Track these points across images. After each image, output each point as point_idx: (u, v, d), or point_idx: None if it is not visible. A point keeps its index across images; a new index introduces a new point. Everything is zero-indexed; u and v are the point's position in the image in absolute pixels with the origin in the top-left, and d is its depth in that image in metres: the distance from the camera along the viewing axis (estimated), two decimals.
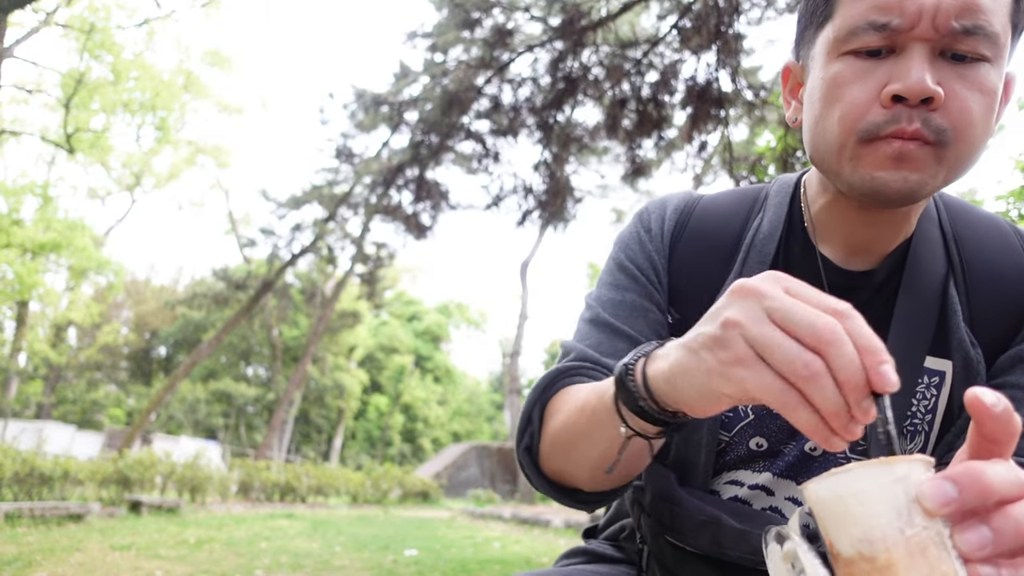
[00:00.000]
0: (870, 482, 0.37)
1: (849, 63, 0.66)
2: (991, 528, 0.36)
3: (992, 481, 0.36)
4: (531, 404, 0.74)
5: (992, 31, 0.63)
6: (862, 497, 0.37)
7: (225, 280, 18.65)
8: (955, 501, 0.36)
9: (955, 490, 0.36)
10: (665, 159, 9.08)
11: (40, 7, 13.97)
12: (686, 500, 0.72)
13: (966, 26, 0.62)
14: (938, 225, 0.78)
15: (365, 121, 11.11)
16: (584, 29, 7.08)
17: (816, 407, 0.42)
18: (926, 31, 0.63)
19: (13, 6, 7.71)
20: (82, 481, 8.52)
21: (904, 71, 0.63)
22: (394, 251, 17.15)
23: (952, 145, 0.64)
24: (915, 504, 0.36)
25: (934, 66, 0.63)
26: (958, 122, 0.63)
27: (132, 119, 17.41)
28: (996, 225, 0.79)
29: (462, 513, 15.30)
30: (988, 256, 0.75)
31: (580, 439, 0.66)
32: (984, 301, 0.73)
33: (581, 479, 0.70)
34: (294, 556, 6.02)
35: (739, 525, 0.68)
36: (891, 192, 0.65)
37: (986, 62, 0.64)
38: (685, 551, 0.72)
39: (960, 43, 0.63)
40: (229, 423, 31.07)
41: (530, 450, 0.74)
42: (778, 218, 0.80)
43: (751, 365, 0.44)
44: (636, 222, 0.86)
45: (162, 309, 31.62)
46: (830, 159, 0.69)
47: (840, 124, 0.66)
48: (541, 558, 7.12)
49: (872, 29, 0.65)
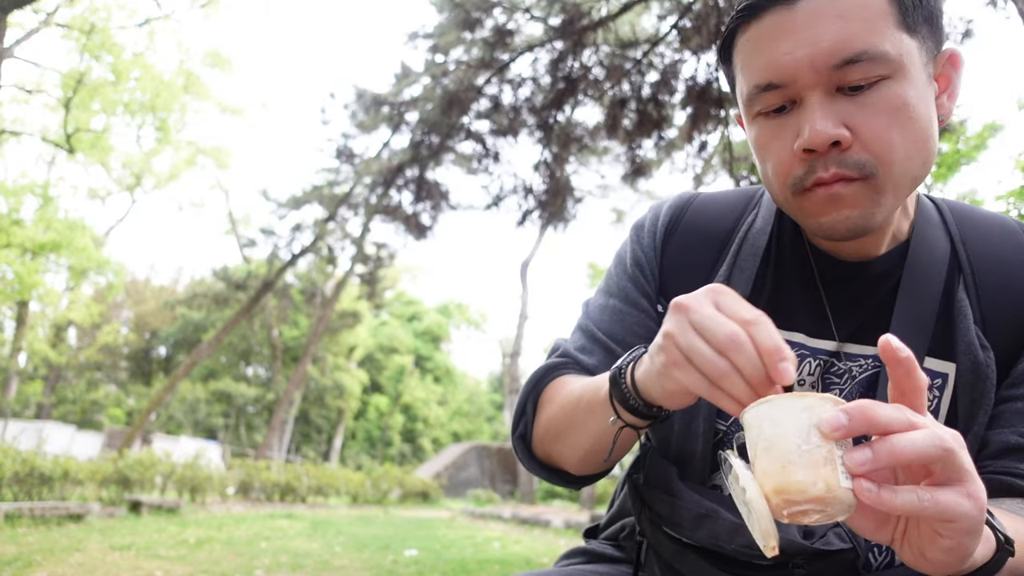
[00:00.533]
0: (783, 410, 0.48)
1: (761, 124, 0.70)
2: (872, 450, 0.45)
3: (878, 416, 0.45)
4: (525, 396, 0.83)
5: (877, 52, 0.63)
6: (775, 420, 0.48)
7: (225, 280, 18.65)
8: (844, 427, 0.45)
9: (846, 419, 0.45)
10: (665, 159, 9.08)
11: (40, 7, 13.98)
12: (685, 493, 0.73)
13: (846, 58, 0.63)
14: (944, 230, 0.78)
15: (366, 121, 11.11)
16: (584, 29, 7.08)
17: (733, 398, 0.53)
18: (810, 79, 0.65)
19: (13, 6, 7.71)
20: (82, 481, 8.52)
21: (804, 123, 0.65)
22: (394, 251, 17.14)
23: (880, 172, 0.65)
24: (814, 428, 0.46)
25: (833, 107, 0.65)
26: (877, 150, 0.65)
27: (132, 119, 17.40)
28: (1005, 226, 0.79)
29: (462, 513, 15.30)
30: (999, 259, 0.76)
31: (573, 427, 0.74)
32: (996, 304, 0.73)
33: (570, 463, 0.79)
34: (294, 556, 6.02)
35: (736, 519, 0.69)
36: (841, 232, 0.69)
37: (886, 80, 0.64)
38: (683, 544, 0.73)
39: (849, 76, 0.64)
40: (229, 423, 31.06)
41: (524, 438, 0.83)
42: (770, 214, 0.83)
43: (683, 367, 0.55)
44: (635, 223, 0.92)
45: (162, 309, 31.60)
46: (783, 207, 0.74)
47: (775, 180, 0.71)
48: (541, 558, 7.12)
49: (762, 91, 0.68)
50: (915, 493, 0.45)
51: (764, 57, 0.67)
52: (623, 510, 0.91)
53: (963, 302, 0.73)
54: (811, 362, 0.77)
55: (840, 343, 0.76)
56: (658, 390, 0.60)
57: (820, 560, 0.66)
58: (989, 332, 0.73)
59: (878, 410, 0.46)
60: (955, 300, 0.74)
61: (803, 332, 0.77)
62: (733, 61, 0.73)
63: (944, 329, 0.73)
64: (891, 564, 0.73)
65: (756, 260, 0.80)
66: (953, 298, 0.74)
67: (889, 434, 0.45)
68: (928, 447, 0.45)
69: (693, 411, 0.78)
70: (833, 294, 0.77)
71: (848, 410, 0.46)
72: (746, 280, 0.79)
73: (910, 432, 0.45)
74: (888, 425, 0.45)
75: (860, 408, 0.46)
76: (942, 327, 0.73)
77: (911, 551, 0.50)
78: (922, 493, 0.45)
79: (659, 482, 0.76)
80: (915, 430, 0.45)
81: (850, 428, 0.45)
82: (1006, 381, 0.73)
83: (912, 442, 0.45)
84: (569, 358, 0.85)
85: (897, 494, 0.45)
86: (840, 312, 0.76)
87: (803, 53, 0.64)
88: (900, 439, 0.45)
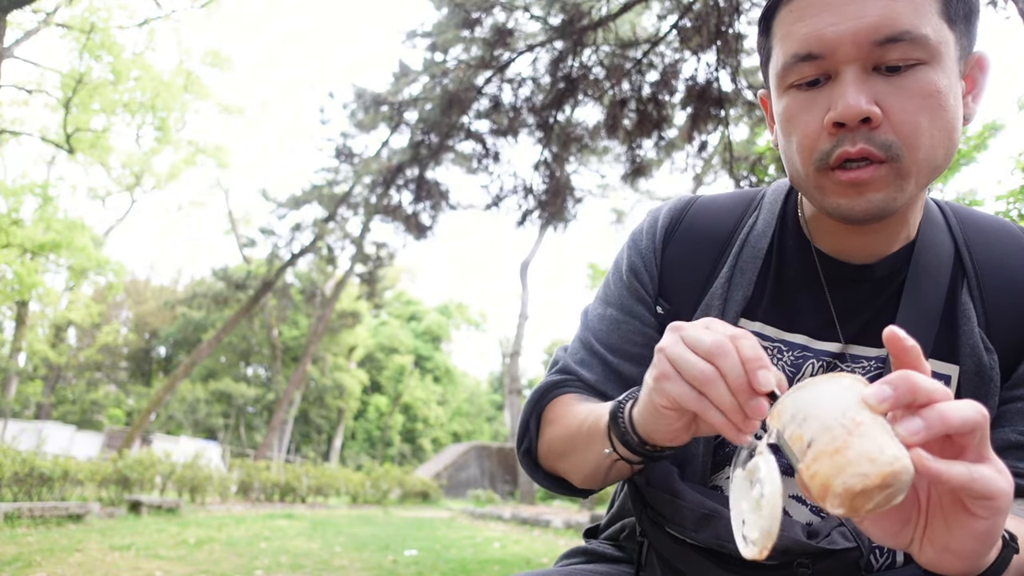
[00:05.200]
0: (824, 391, 0.48)
1: (793, 96, 0.70)
2: (922, 418, 0.45)
3: (919, 383, 0.46)
4: (528, 414, 0.86)
5: (919, 34, 0.64)
6: (820, 400, 0.47)
7: (225, 280, 18.63)
8: (891, 398, 0.46)
9: (891, 390, 0.46)
10: (665, 159, 9.06)
11: (40, 7, 13.97)
12: (687, 493, 0.73)
13: (889, 36, 0.64)
14: (948, 233, 0.78)
15: (365, 121, 11.10)
16: (584, 29, 7.07)
17: (719, 408, 0.54)
18: (849, 53, 0.65)
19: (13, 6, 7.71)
20: (82, 481, 8.51)
21: (838, 97, 0.66)
22: (394, 251, 17.14)
23: (905, 155, 0.65)
24: (861, 402, 0.46)
25: (868, 84, 0.65)
26: (904, 132, 0.65)
27: (132, 119, 17.40)
28: (1007, 230, 0.79)
29: (462, 513, 15.30)
30: (1002, 262, 0.76)
31: (576, 451, 0.77)
32: (1000, 307, 0.74)
33: (574, 479, 0.82)
34: (294, 556, 6.02)
35: None
36: (859, 215, 0.68)
37: (923, 64, 0.65)
38: (685, 544, 0.73)
39: (888, 55, 0.65)
40: (229, 423, 31.06)
41: (529, 452, 0.86)
42: (772, 216, 0.83)
43: (672, 379, 0.57)
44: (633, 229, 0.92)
45: (162, 309, 31.59)
46: (801, 185, 0.73)
47: (799, 155, 0.71)
48: (541, 558, 7.12)
49: (799, 61, 0.68)
50: (964, 466, 0.45)
51: (807, 27, 0.67)
52: (623, 510, 0.91)
53: (967, 305, 0.73)
54: (814, 363, 0.76)
55: (844, 345, 0.76)
56: (651, 416, 0.61)
57: (824, 560, 0.66)
58: (993, 335, 0.73)
59: (919, 379, 0.46)
60: (959, 303, 0.74)
61: (807, 334, 0.77)
62: (772, 31, 0.73)
63: (948, 331, 0.73)
64: (892, 565, 0.73)
65: (758, 262, 0.80)
66: (957, 300, 0.74)
67: (932, 403, 0.46)
68: (974, 414, 0.45)
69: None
70: (837, 296, 0.77)
71: (891, 381, 0.46)
72: (748, 282, 0.79)
73: (954, 401, 0.46)
74: (931, 393, 0.46)
75: (902, 377, 0.46)
76: (946, 329, 0.73)
77: (933, 548, 0.50)
78: (970, 466, 0.45)
79: (660, 482, 0.76)
80: (952, 399, 0.46)
81: (897, 398, 0.46)
82: (1008, 382, 0.73)
83: (959, 409, 0.45)
84: (570, 374, 0.87)
85: (951, 465, 0.45)
86: (844, 314, 0.76)
87: (847, 26, 0.65)
88: (948, 406, 0.45)
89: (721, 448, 0.79)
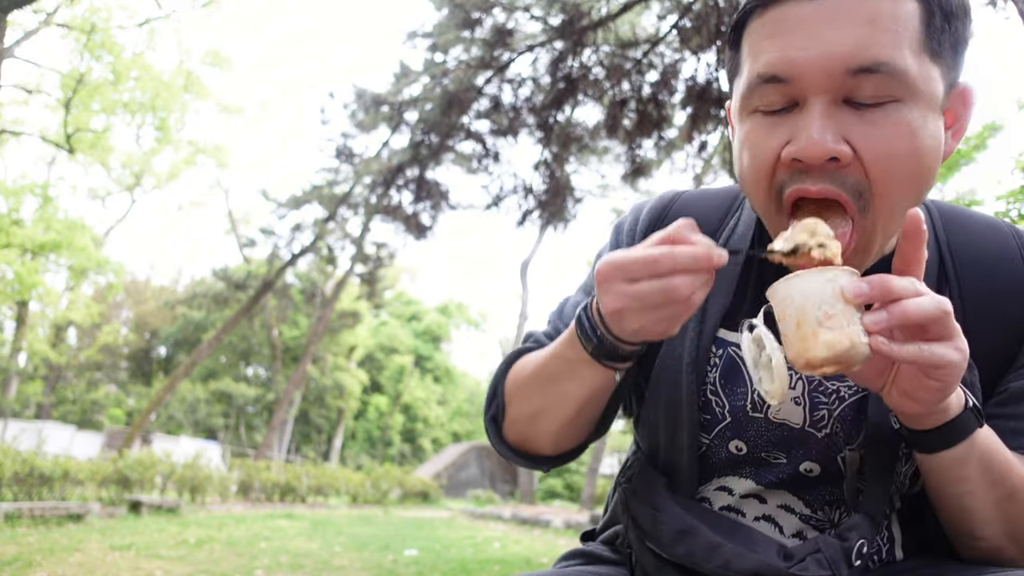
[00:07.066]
0: (809, 282, 0.56)
1: (756, 121, 0.65)
2: (887, 311, 0.54)
3: (894, 285, 0.54)
4: (496, 378, 0.86)
5: (897, 67, 0.59)
6: (803, 289, 0.56)
7: (225, 280, 18.63)
8: (865, 294, 0.54)
9: (867, 287, 0.54)
10: (665, 159, 9.07)
11: (40, 7, 13.97)
12: (668, 508, 0.72)
13: (864, 66, 0.58)
14: (932, 234, 0.76)
15: (365, 121, 11.10)
16: (584, 29, 7.07)
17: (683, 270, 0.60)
18: (819, 82, 0.60)
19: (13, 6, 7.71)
20: (82, 481, 8.51)
21: (801, 129, 0.61)
22: (394, 251, 17.14)
23: (876, 200, 0.62)
24: (838, 295, 0.55)
25: (836, 118, 0.60)
26: (876, 175, 0.61)
27: (132, 119, 17.40)
28: (995, 232, 0.76)
29: (462, 513, 15.30)
30: (985, 266, 0.73)
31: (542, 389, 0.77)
32: (981, 313, 0.71)
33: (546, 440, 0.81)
34: (294, 556, 6.02)
35: (715, 537, 0.67)
36: None
37: (898, 101, 0.60)
38: (664, 559, 0.71)
39: (862, 87, 0.59)
40: (229, 423, 31.05)
41: (496, 419, 0.85)
42: (751, 219, 0.82)
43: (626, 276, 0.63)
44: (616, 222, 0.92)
45: (162, 309, 31.58)
46: (760, 215, 0.71)
47: (754, 185, 0.67)
48: (541, 558, 7.12)
49: (764, 83, 0.63)
50: (916, 345, 0.54)
51: (775, 46, 0.62)
52: (616, 515, 0.90)
53: None
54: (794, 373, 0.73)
55: None
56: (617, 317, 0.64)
57: None
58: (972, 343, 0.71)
59: (894, 281, 0.55)
60: None
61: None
62: (741, 46, 0.67)
63: None
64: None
65: (738, 266, 0.78)
66: None
67: (899, 300, 0.54)
68: (932, 308, 0.54)
69: (677, 422, 0.77)
70: None
71: (869, 281, 0.55)
72: (727, 291, 0.78)
73: (918, 297, 0.54)
74: (901, 292, 0.54)
75: (880, 279, 0.55)
76: None
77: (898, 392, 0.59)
78: (922, 345, 0.54)
79: (645, 495, 0.75)
80: (921, 296, 0.54)
81: (870, 295, 0.54)
82: (997, 398, 0.71)
83: (919, 304, 0.54)
84: (537, 342, 0.87)
85: (903, 345, 0.54)
86: None
87: (818, 51, 0.59)
88: (910, 302, 0.54)
89: (706, 458, 0.78)
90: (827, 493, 0.73)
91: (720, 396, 0.76)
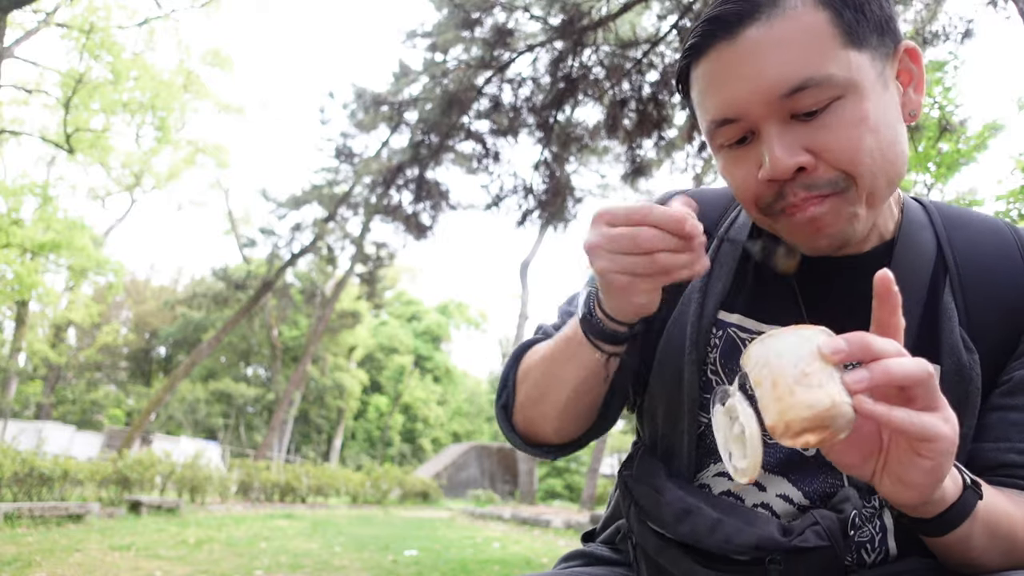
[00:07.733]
0: (786, 342, 0.54)
1: (725, 155, 0.72)
2: (868, 369, 0.51)
3: (871, 342, 0.52)
4: (508, 368, 0.88)
5: (822, 76, 0.63)
6: (778, 350, 0.54)
7: (225, 280, 18.63)
8: (843, 351, 0.51)
9: (846, 344, 0.52)
10: (665, 159, 9.05)
11: (40, 7, 13.98)
12: (669, 489, 0.75)
13: (792, 87, 0.63)
14: (931, 231, 0.78)
15: (365, 121, 11.10)
16: (584, 29, 7.07)
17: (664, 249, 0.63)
18: (762, 112, 0.65)
19: (13, 6, 7.71)
20: (82, 481, 8.52)
21: (765, 154, 0.66)
22: (394, 251, 17.14)
23: (853, 184, 0.66)
24: (815, 353, 0.52)
25: (791, 134, 0.65)
26: (844, 165, 0.65)
27: (132, 119, 17.42)
28: (993, 228, 0.78)
29: (462, 513, 15.31)
30: (986, 261, 0.75)
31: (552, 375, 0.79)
32: (982, 307, 0.73)
33: (550, 428, 0.83)
34: (294, 556, 6.02)
35: (716, 514, 0.69)
36: (823, 250, 0.71)
37: (840, 99, 0.64)
38: (667, 539, 0.74)
39: (800, 102, 0.64)
40: (229, 423, 31.06)
41: (506, 407, 0.87)
42: None
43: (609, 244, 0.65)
44: None
45: (162, 309, 31.59)
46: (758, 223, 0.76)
47: (744, 203, 0.73)
48: (541, 558, 7.12)
49: (719, 127, 0.69)
50: (905, 411, 0.51)
51: (715, 93, 0.68)
52: (617, 511, 0.91)
53: (948, 304, 0.73)
54: None
55: None
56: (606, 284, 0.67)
57: (797, 557, 0.67)
58: (974, 332, 0.72)
59: (874, 339, 0.52)
60: (941, 302, 0.73)
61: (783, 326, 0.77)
62: (690, 95, 0.74)
63: (929, 331, 0.73)
64: (885, 560, 0.73)
65: (737, 255, 0.81)
66: (939, 300, 0.74)
67: (880, 359, 0.51)
68: (916, 370, 0.51)
69: (677, 409, 0.79)
70: (812, 290, 0.77)
71: (848, 337, 0.52)
72: (727, 274, 0.81)
73: (901, 357, 0.51)
74: (882, 351, 0.51)
75: (859, 336, 0.52)
76: (927, 329, 0.73)
77: (890, 480, 0.56)
78: (911, 412, 0.51)
79: (646, 477, 0.78)
80: (904, 356, 0.52)
81: (849, 352, 0.51)
82: (1002, 388, 0.72)
83: (902, 365, 0.51)
84: (547, 335, 0.89)
85: (891, 409, 0.51)
86: (818, 309, 0.76)
87: (750, 88, 0.65)
88: (893, 361, 0.51)
89: (704, 439, 0.79)
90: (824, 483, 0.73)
91: (721, 375, 0.78)
